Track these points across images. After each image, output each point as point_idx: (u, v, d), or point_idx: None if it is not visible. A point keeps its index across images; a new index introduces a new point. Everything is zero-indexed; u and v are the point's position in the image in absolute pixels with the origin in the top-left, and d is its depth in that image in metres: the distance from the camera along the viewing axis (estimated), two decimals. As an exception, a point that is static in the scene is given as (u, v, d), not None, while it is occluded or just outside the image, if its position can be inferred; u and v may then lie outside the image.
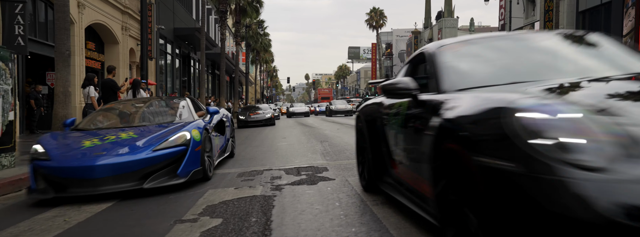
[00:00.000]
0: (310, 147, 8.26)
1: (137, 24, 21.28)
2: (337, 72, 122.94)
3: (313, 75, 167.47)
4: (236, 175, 5.24)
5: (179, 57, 28.85)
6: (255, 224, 2.97)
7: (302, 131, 13.83)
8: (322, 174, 4.97)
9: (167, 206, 3.76)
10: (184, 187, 4.50)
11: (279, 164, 6.11)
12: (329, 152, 7.21)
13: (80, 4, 15.93)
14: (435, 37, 54.54)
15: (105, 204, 3.97)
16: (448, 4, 55.35)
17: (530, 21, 34.13)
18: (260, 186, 4.43)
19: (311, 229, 2.79)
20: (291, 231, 2.76)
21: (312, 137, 10.78)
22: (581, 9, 29.58)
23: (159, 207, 3.74)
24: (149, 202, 3.98)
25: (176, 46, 27.48)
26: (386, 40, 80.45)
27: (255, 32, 46.18)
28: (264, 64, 68.17)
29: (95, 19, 17.22)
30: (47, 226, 3.36)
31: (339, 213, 3.15)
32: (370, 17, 62.37)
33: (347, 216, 3.06)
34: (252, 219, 3.11)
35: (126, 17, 20.32)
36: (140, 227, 3.17)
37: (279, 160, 6.59)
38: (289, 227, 2.86)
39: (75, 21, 15.82)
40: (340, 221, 2.95)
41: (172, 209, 3.61)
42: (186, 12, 31.13)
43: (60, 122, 7.43)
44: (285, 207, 3.42)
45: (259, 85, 69.00)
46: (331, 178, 4.65)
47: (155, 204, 3.88)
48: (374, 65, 76.37)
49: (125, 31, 20.40)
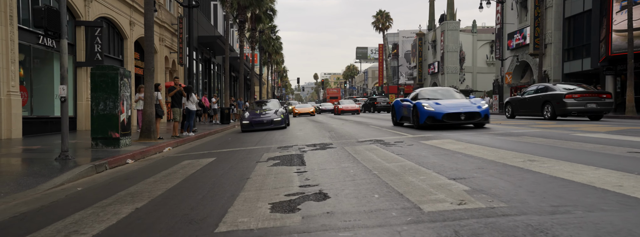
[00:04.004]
0: (321, 135, 11.52)
1: (169, 34, 24.70)
2: (345, 72, 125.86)
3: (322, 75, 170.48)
4: (276, 148, 8.51)
5: (201, 62, 32.18)
6: (296, 160, 6.22)
7: (314, 125, 17.13)
8: (328, 146, 8.21)
9: (249, 156, 7.05)
10: (253, 150, 7.77)
11: (301, 143, 9.36)
12: (334, 137, 10.46)
13: (131, 22, 19.31)
14: (438, 39, 57.47)
15: (211, 158, 7.26)
16: (450, 7, 58.20)
17: (522, 26, 37.02)
18: (293, 150, 7.69)
19: (323, 162, 6.02)
20: (314, 162, 5.99)
21: (322, 129, 14.07)
22: (567, 16, 32.51)
23: (245, 156, 7.03)
24: (240, 154, 7.26)
25: (199, 52, 30.82)
26: (393, 40, 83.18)
27: (268, 37, 49.49)
28: (275, 65, 71.53)
29: (142, 33, 20.56)
30: (178, 174, 6.63)
31: (336, 158, 6.37)
32: (377, 20, 65.09)
33: (340, 157, 6.28)
34: (294, 160, 6.36)
35: (162, 30, 23.66)
36: (240, 164, 6.43)
37: (300, 141, 9.84)
38: (312, 161, 6.09)
39: (127, 36, 19.23)
40: (337, 159, 6.17)
41: (251, 158, 6.89)
42: (208, 22, 34.46)
43: (148, 117, 10.76)
44: (309, 156, 6.66)
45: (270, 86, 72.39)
46: (334, 147, 7.89)
47: (243, 154, 7.17)
48: (381, 66, 79.26)
49: (162, 42, 23.75)
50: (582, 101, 14.58)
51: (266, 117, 15.93)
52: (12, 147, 10.09)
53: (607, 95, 15.12)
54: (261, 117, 15.94)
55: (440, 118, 10.73)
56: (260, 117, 16.01)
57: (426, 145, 7.33)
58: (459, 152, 6.10)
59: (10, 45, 11.83)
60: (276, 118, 15.94)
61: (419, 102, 11.38)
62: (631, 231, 2.26)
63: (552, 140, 7.21)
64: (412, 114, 11.66)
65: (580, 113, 14.74)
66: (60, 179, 5.77)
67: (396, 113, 13.64)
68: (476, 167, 4.69)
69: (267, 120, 15.78)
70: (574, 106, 14.51)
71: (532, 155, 5.30)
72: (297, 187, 4.15)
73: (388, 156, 6.12)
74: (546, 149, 5.86)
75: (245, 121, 15.87)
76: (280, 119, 15.96)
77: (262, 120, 15.78)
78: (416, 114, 11.26)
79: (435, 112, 10.79)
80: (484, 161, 5.13)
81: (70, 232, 3.11)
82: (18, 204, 4.40)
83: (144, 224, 3.19)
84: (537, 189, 3.40)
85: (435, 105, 11.05)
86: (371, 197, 3.51)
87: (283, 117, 16.15)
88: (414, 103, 11.58)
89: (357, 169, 5.03)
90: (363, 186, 4.01)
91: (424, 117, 10.91)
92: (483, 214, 2.77)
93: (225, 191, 4.25)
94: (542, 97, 15.88)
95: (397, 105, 13.67)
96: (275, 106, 17.97)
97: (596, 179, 3.63)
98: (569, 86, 15.83)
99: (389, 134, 10.49)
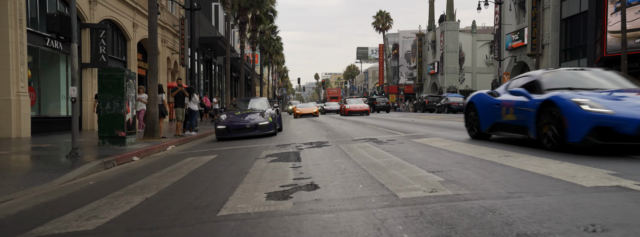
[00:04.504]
0: (318, 134, 11.95)
1: (171, 35, 25.14)
2: (346, 72, 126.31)
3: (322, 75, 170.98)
4: (275, 145, 8.95)
5: (203, 62, 32.64)
6: (293, 157, 6.67)
7: (313, 125, 17.58)
8: (324, 144, 8.66)
9: (249, 153, 7.50)
10: (252, 148, 8.22)
11: (299, 141, 9.80)
12: (330, 136, 10.90)
13: (134, 24, 19.75)
14: (438, 39, 57.92)
15: (213, 156, 7.70)
16: (450, 8, 58.61)
17: (520, 27, 37.42)
18: (291, 148, 8.13)
19: (317, 158, 6.45)
20: (309, 159, 6.43)
21: (320, 128, 14.51)
22: (564, 17, 32.92)
23: (244, 154, 7.48)
24: (240, 151, 7.71)
25: (200, 53, 31.29)
26: (393, 41, 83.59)
27: (269, 37, 49.98)
28: (275, 65, 72.02)
29: (144, 35, 21.01)
30: (182, 169, 7.08)
31: (330, 154, 6.81)
32: (377, 20, 65.45)
33: (334, 154, 6.72)
34: (291, 156, 6.80)
35: (164, 31, 24.11)
36: (240, 160, 6.87)
37: (298, 139, 10.29)
38: (307, 158, 6.53)
39: (130, 38, 19.68)
40: (330, 155, 6.61)
41: (251, 155, 7.34)
42: (209, 23, 34.92)
43: (152, 117, 11.20)
44: (305, 153, 7.10)
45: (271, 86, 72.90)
46: (329, 145, 8.33)
47: (243, 152, 7.62)
48: (381, 66, 79.65)
49: (164, 43, 24.19)
50: None
51: (249, 121, 12.18)
52: (23, 145, 10.56)
53: None
54: (242, 121, 12.19)
55: (632, 130, 4.93)
56: (241, 120, 12.24)
57: (416, 143, 7.77)
58: (444, 149, 6.53)
59: (20, 48, 12.31)
60: (262, 122, 12.20)
61: (561, 95, 5.69)
62: (562, 209, 2.70)
63: (534, 138, 7.64)
64: (540, 121, 5.91)
65: None
66: (73, 174, 6.23)
67: (479, 117, 7.68)
68: (455, 162, 5.12)
69: (251, 124, 12.07)
70: None
71: (509, 151, 5.73)
72: (291, 180, 4.58)
73: (378, 152, 6.56)
74: (525, 146, 6.29)
75: (220, 126, 12.12)
76: (267, 123, 12.25)
77: (244, 125, 12.06)
78: (559, 121, 5.48)
79: (619, 118, 5.02)
80: (464, 156, 5.56)
81: (90, 216, 3.56)
82: (37, 196, 4.84)
83: (154, 210, 3.63)
84: (502, 179, 3.84)
85: (609, 102, 5.36)
86: (356, 187, 3.94)
87: (271, 121, 12.46)
88: (547, 98, 5.85)
89: (348, 164, 5.47)
90: (351, 178, 4.45)
91: (585, 129, 5.17)
92: (448, 199, 3.21)
93: (226, 183, 4.69)
94: None
95: (483, 103, 7.71)
96: (263, 106, 13.98)
97: (556, 171, 4.07)
98: None
99: (383, 133, 10.93)
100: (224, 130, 12.02)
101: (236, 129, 12.00)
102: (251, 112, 13.03)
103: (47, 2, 14.85)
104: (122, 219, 3.39)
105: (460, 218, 2.67)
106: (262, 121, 12.23)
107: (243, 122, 12.18)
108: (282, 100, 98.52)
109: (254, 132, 12.06)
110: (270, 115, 12.71)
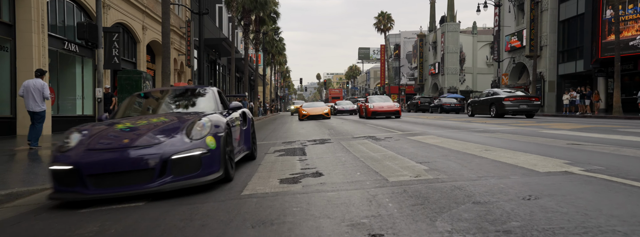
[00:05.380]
0: (321, 132, 12.73)
1: (178, 37, 25.96)
2: (347, 72, 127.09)
3: (324, 75, 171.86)
4: (281, 143, 9.73)
5: (207, 63, 33.43)
6: (299, 152, 7.44)
7: (315, 124, 18.36)
8: (327, 141, 9.43)
9: (258, 149, 8.29)
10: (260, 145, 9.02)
11: (303, 138, 10.57)
12: (332, 134, 11.67)
13: (144, 27, 20.56)
14: (439, 40, 58.66)
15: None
16: (450, 9, 59.33)
17: (519, 28, 38.14)
18: (296, 145, 8.90)
19: (321, 152, 7.22)
20: (313, 153, 7.20)
21: (323, 127, 15.29)
22: (561, 19, 33.65)
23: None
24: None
25: (205, 53, 32.08)
26: (394, 41, 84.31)
27: (272, 38, 50.80)
28: (278, 66, 72.85)
29: (153, 37, 21.82)
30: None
31: (332, 150, 7.58)
32: (379, 21, 66.12)
33: (335, 149, 7.49)
34: (297, 151, 7.57)
35: (172, 33, 24.91)
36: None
37: (302, 137, 11.06)
38: (312, 152, 7.30)
39: (140, 40, 20.49)
40: (332, 150, 7.38)
41: (260, 150, 8.12)
42: (213, 24, 35.73)
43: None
44: (310, 149, 7.88)
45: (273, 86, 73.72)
46: (331, 142, 9.10)
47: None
48: (382, 66, 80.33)
49: (171, 45, 25.00)
50: (516, 103, 18.59)
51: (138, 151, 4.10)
52: (46, 141, 11.35)
53: (536, 99, 19.20)
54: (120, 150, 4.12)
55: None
56: (117, 147, 4.17)
57: (410, 140, 8.54)
58: (435, 145, 7.30)
59: (42, 51, 13.10)
60: (182, 150, 4.18)
61: None
62: (513, 187, 3.47)
63: (518, 136, 8.41)
64: None
65: (515, 112, 18.68)
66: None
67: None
68: (442, 155, 5.89)
69: (141, 159, 4.04)
70: (510, 107, 18.54)
71: (490, 146, 6.50)
72: (299, 170, 5.35)
73: (375, 148, 7.33)
74: (505, 142, 7.06)
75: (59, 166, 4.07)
76: (198, 153, 4.23)
77: (122, 158, 4.04)
78: None
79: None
80: (451, 150, 6.33)
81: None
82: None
83: (187, 191, 4.41)
84: (476, 168, 4.61)
85: None
86: (354, 174, 4.72)
87: (213, 146, 4.37)
88: None
89: (348, 157, 6.25)
90: (350, 168, 5.22)
91: None
92: (428, 181, 3.98)
93: (243, 173, 5.46)
94: (490, 100, 19.89)
95: None
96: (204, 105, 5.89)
97: (522, 161, 4.84)
98: (509, 92, 19.87)
99: (381, 131, 11.70)
100: (68, 176, 4.06)
101: (101, 173, 4.02)
102: (163, 123, 4.74)
103: (65, 8, 15.66)
104: (165, 197, 4.17)
105: (434, 193, 3.44)
106: (180, 149, 4.21)
107: (121, 151, 4.12)
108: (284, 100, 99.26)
109: (154, 184, 4.03)
110: (213, 134, 4.51)
